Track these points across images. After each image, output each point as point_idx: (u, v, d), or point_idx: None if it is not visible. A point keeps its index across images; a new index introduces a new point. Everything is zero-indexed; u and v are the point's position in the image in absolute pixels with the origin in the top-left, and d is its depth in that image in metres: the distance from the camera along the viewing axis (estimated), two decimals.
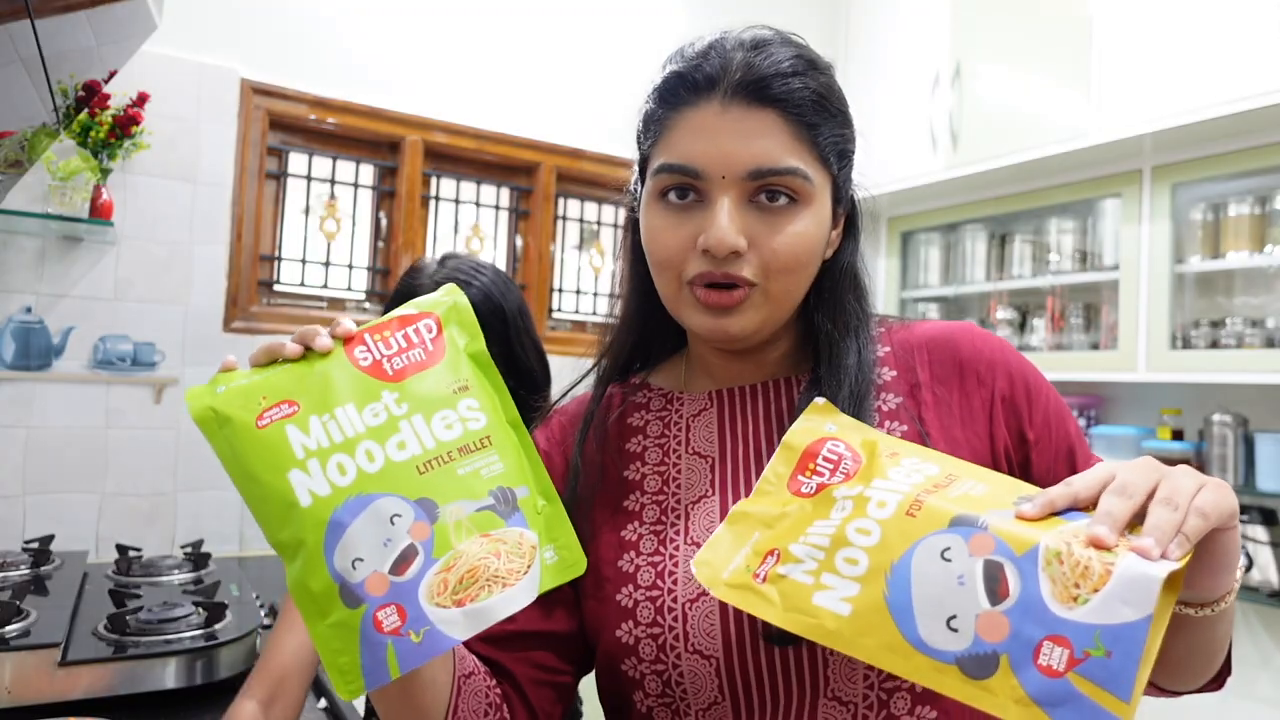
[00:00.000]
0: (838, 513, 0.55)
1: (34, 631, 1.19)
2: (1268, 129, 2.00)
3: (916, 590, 0.49)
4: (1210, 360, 2.11)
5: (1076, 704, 0.44)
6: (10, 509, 1.99)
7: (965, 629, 0.48)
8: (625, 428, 0.78)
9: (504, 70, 2.61)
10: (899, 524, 0.52)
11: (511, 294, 1.15)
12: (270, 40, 2.30)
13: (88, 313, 2.07)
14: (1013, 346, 0.76)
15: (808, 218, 0.67)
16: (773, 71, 0.66)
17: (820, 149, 0.68)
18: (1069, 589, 0.46)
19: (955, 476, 0.55)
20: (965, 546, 0.49)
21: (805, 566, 0.54)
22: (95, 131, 1.95)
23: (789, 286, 0.68)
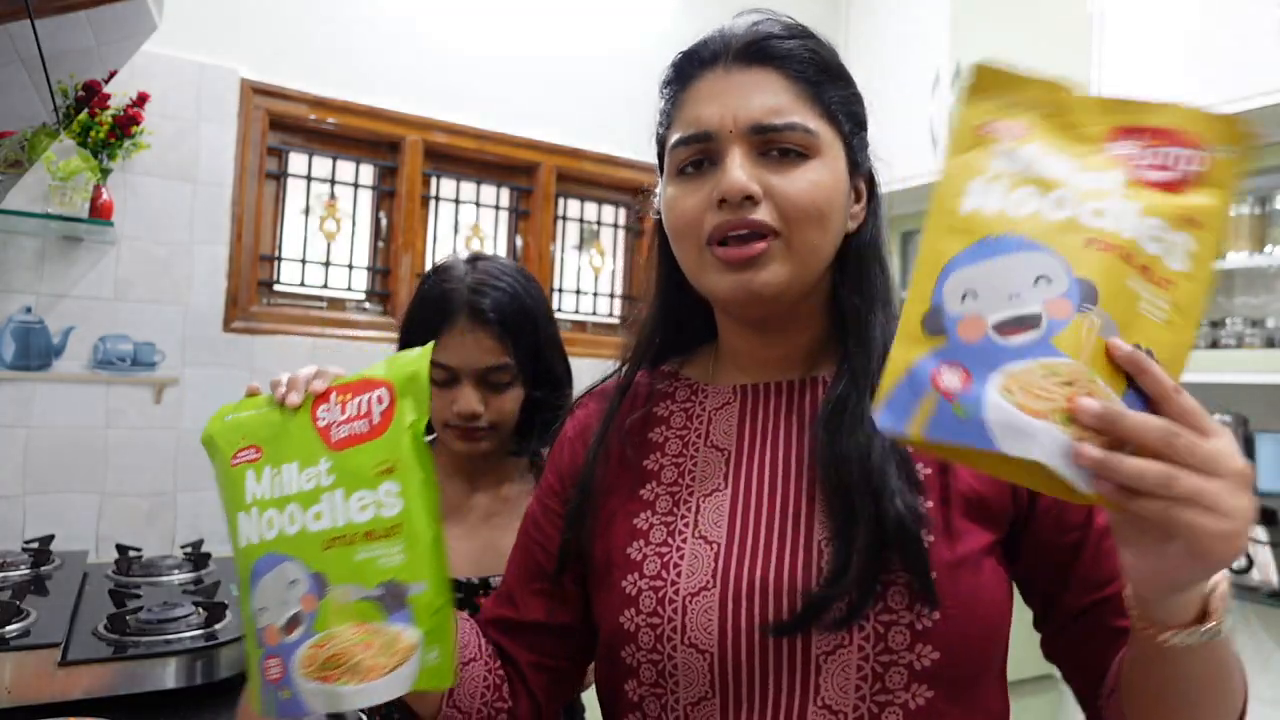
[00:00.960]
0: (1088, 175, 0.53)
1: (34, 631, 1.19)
2: (1268, 129, 2.00)
3: (997, 262, 0.50)
4: (1210, 360, 2.11)
5: (911, 399, 0.49)
6: (10, 509, 1.99)
7: (965, 308, 0.50)
8: (650, 417, 0.78)
9: (504, 70, 2.61)
10: (1073, 233, 0.50)
11: (538, 296, 1.14)
12: (270, 40, 2.30)
13: (88, 313, 2.07)
14: None
15: (820, 168, 0.68)
16: (772, 33, 0.70)
17: (825, 106, 0.70)
18: (1016, 386, 0.47)
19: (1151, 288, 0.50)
20: (1052, 295, 0.49)
21: (1007, 163, 0.54)
22: (95, 131, 1.95)
23: (811, 238, 0.68)
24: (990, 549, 0.66)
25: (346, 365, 0.72)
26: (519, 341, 1.08)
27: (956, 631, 0.62)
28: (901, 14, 2.82)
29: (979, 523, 0.65)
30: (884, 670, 0.62)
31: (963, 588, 0.63)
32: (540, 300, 1.14)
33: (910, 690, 0.62)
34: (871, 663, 0.62)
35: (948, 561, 0.63)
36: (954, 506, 0.65)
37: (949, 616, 0.62)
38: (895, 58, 2.82)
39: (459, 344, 1.08)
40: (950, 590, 0.62)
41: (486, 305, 1.07)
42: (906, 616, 0.62)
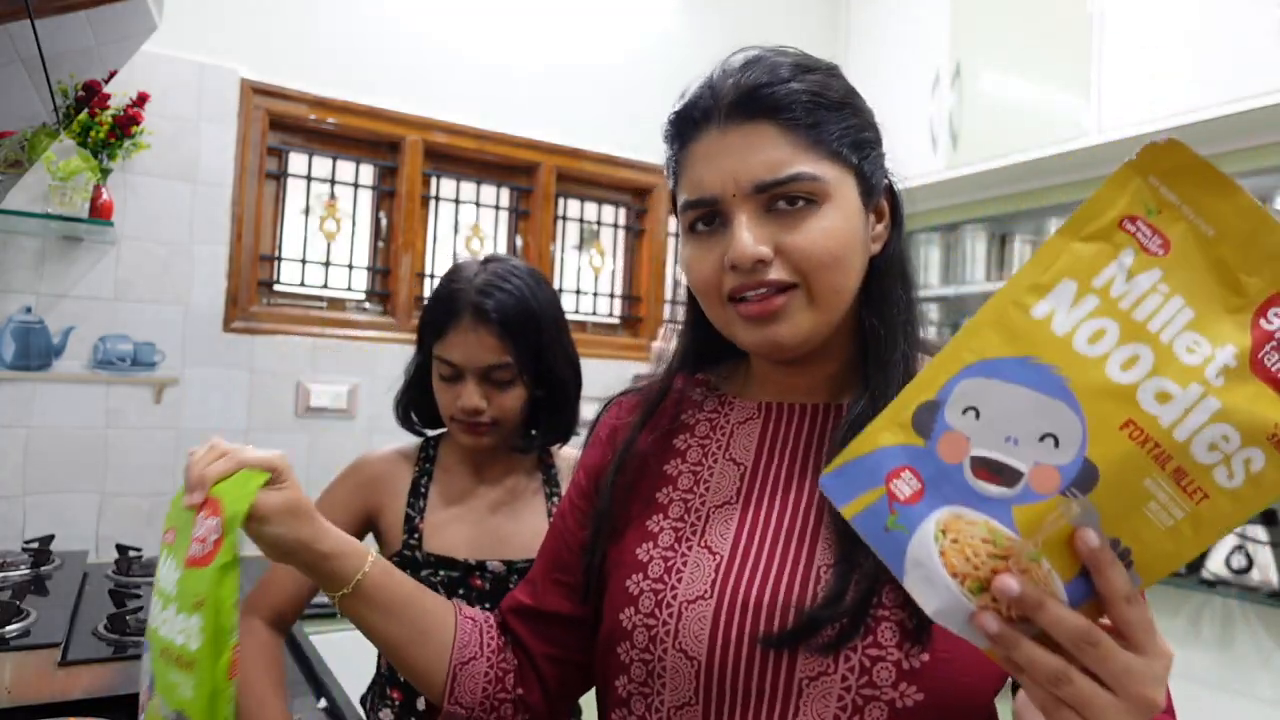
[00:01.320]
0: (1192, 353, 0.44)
1: (34, 631, 1.19)
2: (1268, 129, 2.00)
3: (1026, 387, 0.46)
4: None
5: (863, 482, 0.49)
6: (10, 509, 1.99)
7: (960, 422, 0.47)
8: (678, 423, 0.80)
9: (504, 70, 2.61)
10: (1115, 393, 0.45)
11: (546, 300, 1.17)
12: (270, 40, 2.30)
13: (88, 313, 2.07)
14: None
15: (831, 214, 0.67)
16: (760, 83, 0.67)
17: (828, 145, 0.68)
18: (954, 532, 0.47)
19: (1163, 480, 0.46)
20: (1048, 463, 0.45)
21: (1116, 284, 0.45)
22: (95, 131, 1.95)
23: (831, 283, 0.67)
24: None
25: (346, 365, 0.73)
26: (520, 342, 1.12)
27: (944, 675, 0.61)
28: (901, 14, 2.82)
29: None
30: (864, 704, 0.61)
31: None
32: (547, 304, 1.17)
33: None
34: (853, 694, 0.62)
35: None
36: None
37: (939, 660, 0.61)
38: (895, 58, 2.82)
39: (463, 342, 1.12)
40: (943, 634, 0.59)
41: (490, 306, 1.11)
42: (895, 654, 0.61)
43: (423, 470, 1.23)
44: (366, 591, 0.75)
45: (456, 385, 1.14)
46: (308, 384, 2.33)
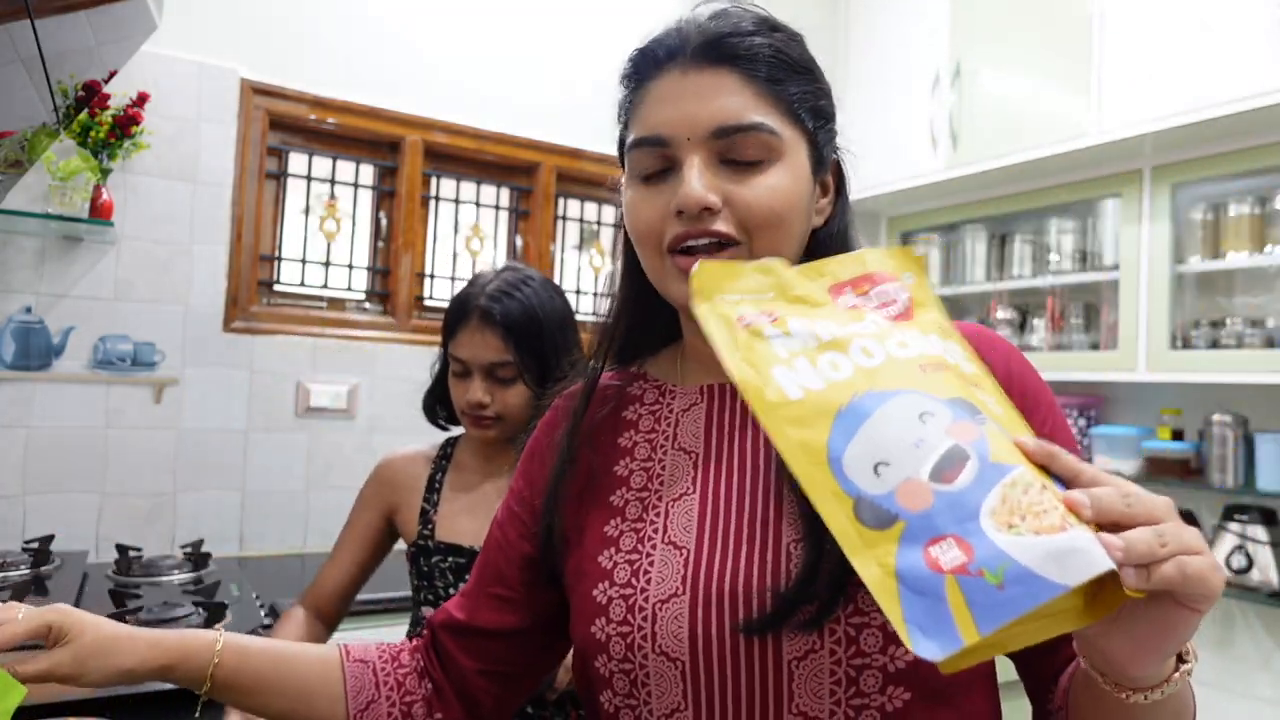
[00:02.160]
0: (855, 325, 0.53)
1: None
2: (1268, 129, 2.00)
3: (872, 424, 0.47)
4: (1210, 360, 2.11)
5: (934, 604, 0.41)
6: (10, 509, 1.99)
7: (887, 480, 0.45)
8: (619, 421, 0.77)
9: (504, 70, 2.61)
10: (905, 367, 0.49)
11: (553, 307, 1.27)
12: (270, 40, 2.30)
13: (88, 313, 2.07)
14: (1018, 352, 0.72)
15: (781, 172, 0.66)
16: (729, 30, 0.67)
17: (789, 104, 0.67)
18: (1012, 515, 0.42)
19: (982, 381, 0.51)
20: (948, 423, 0.46)
21: (789, 343, 0.52)
22: (95, 131, 1.95)
23: (773, 243, 0.66)
24: None
25: (346, 365, 0.73)
26: (522, 343, 1.22)
27: None
28: (901, 14, 2.82)
29: None
30: (857, 673, 0.60)
31: None
32: (553, 310, 1.27)
33: (886, 693, 0.60)
34: (845, 666, 0.60)
35: None
36: None
37: None
38: (895, 58, 2.82)
39: (470, 341, 1.23)
40: None
41: (496, 309, 1.22)
42: (879, 618, 0.60)
43: (439, 467, 1.35)
44: (227, 680, 0.73)
45: (465, 381, 1.25)
46: (308, 384, 2.33)
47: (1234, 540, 2.11)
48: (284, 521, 2.30)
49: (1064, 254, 2.54)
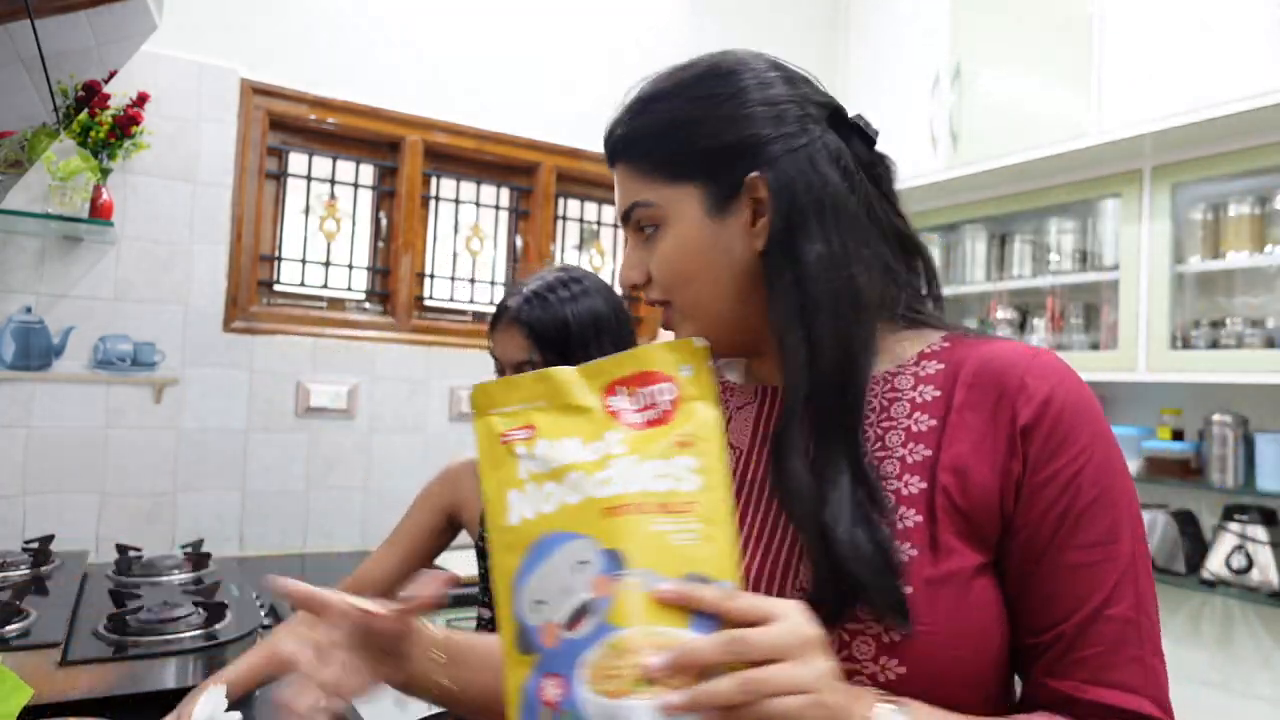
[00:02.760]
0: (594, 445, 0.59)
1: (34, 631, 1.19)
2: (1268, 129, 2.00)
3: (545, 563, 0.56)
4: (1210, 360, 2.11)
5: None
6: (10, 509, 1.99)
7: (539, 616, 0.55)
8: None
9: (504, 70, 2.61)
10: (591, 509, 0.56)
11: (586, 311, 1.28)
12: (270, 40, 2.30)
13: (88, 313, 2.07)
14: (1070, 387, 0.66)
15: (670, 236, 0.72)
16: (612, 135, 0.76)
17: (663, 171, 0.72)
18: (598, 673, 0.51)
19: (693, 507, 0.57)
20: (594, 576, 0.54)
21: (530, 465, 0.59)
22: (95, 131, 1.95)
23: (689, 298, 0.72)
24: (982, 571, 0.63)
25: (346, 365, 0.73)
26: (545, 344, 1.25)
27: (928, 648, 0.60)
28: (901, 14, 2.82)
29: (968, 541, 0.63)
30: (847, 679, 0.60)
31: (942, 605, 0.61)
32: (591, 315, 1.28)
33: None
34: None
35: (929, 578, 0.61)
36: (941, 523, 0.63)
37: (921, 632, 0.60)
38: (895, 58, 2.82)
39: (499, 340, 1.28)
40: (927, 607, 0.61)
41: (524, 311, 1.26)
42: (875, 628, 0.61)
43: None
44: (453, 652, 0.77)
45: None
46: (308, 384, 2.33)
47: (1234, 540, 2.11)
48: (284, 521, 2.30)
49: (1064, 254, 2.54)
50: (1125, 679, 0.61)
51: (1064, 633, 0.62)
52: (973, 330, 0.74)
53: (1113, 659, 0.61)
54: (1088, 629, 0.61)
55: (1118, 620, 0.61)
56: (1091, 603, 0.61)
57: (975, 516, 0.64)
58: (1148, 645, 0.62)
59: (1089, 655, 0.61)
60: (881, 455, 0.67)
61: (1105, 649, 0.61)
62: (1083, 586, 0.62)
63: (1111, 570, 0.62)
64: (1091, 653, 0.61)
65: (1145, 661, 0.61)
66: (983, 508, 0.64)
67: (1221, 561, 2.12)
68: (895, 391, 0.69)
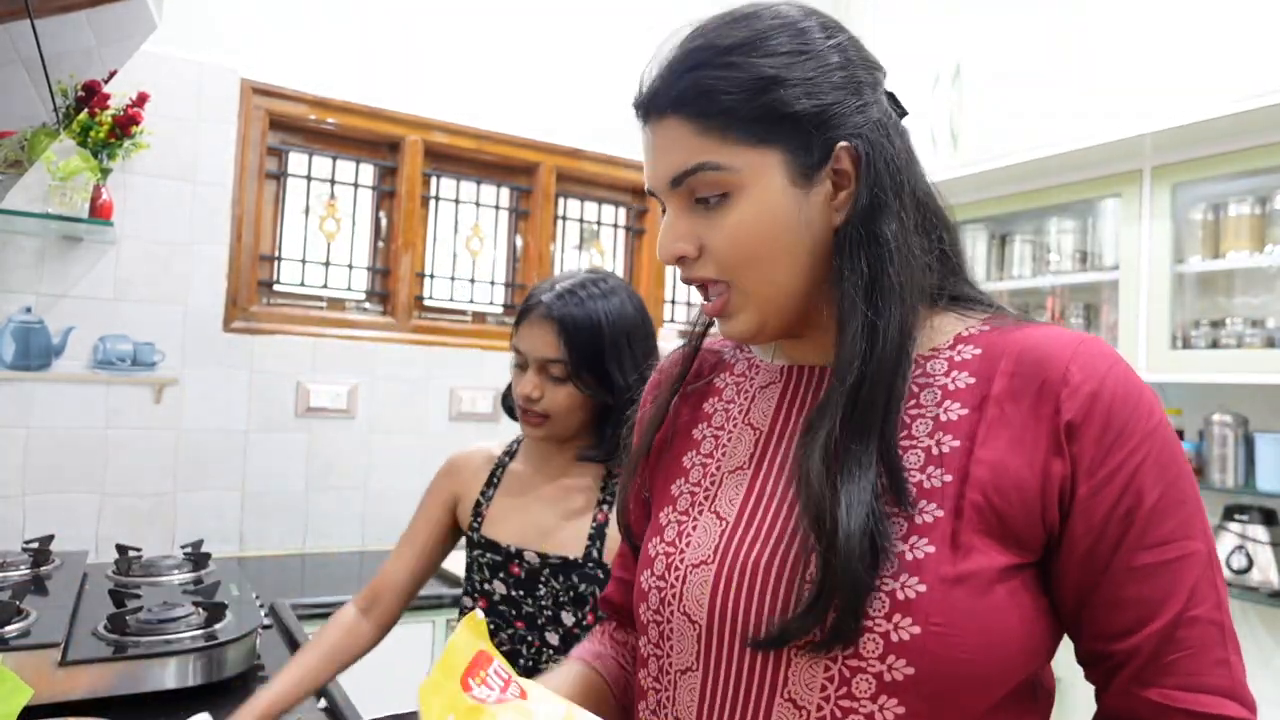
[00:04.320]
0: None
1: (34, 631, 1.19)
2: (1268, 129, 2.00)
3: None
4: (1210, 360, 2.11)
5: None
6: (10, 509, 1.99)
7: None
8: (710, 387, 0.80)
9: (504, 70, 2.61)
10: None
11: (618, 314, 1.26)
12: (270, 40, 2.30)
13: (88, 313, 2.06)
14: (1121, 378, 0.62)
15: (744, 205, 0.64)
16: (662, 79, 0.66)
17: (739, 130, 0.64)
18: None
19: None
20: None
21: None
22: (95, 131, 1.95)
23: (762, 277, 0.66)
24: (1009, 573, 0.60)
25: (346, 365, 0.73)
26: (576, 343, 1.23)
27: (935, 649, 0.57)
28: (901, 14, 2.82)
29: (996, 540, 0.60)
30: (851, 676, 0.59)
31: (958, 605, 0.58)
32: (621, 319, 1.26)
33: (877, 702, 0.59)
34: (839, 665, 0.60)
35: (945, 575, 0.58)
36: (966, 519, 0.60)
37: (933, 632, 0.57)
38: (895, 58, 2.82)
39: (529, 334, 1.26)
40: (940, 605, 0.58)
41: (557, 307, 1.23)
42: (883, 625, 0.58)
43: (500, 463, 1.38)
44: None
45: (522, 374, 1.27)
46: (308, 384, 2.33)
47: (1234, 540, 2.11)
48: (284, 521, 2.30)
49: (1064, 254, 2.54)
50: (1216, 683, 0.58)
51: (1149, 637, 0.58)
52: (1014, 313, 0.70)
53: (1202, 663, 0.58)
54: (1175, 634, 0.58)
55: (1204, 622, 0.58)
56: (1174, 605, 0.58)
57: (1009, 516, 0.60)
58: (1230, 644, 0.59)
59: (1178, 660, 0.58)
60: (906, 445, 0.63)
61: (1193, 652, 0.58)
62: (1160, 589, 0.58)
63: (1189, 569, 0.59)
64: (1180, 657, 0.58)
65: (1229, 662, 0.59)
66: (1019, 507, 0.60)
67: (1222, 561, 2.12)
68: (928, 376, 0.65)
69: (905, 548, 0.60)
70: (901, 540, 0.60)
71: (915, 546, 0.60)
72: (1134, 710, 0.60)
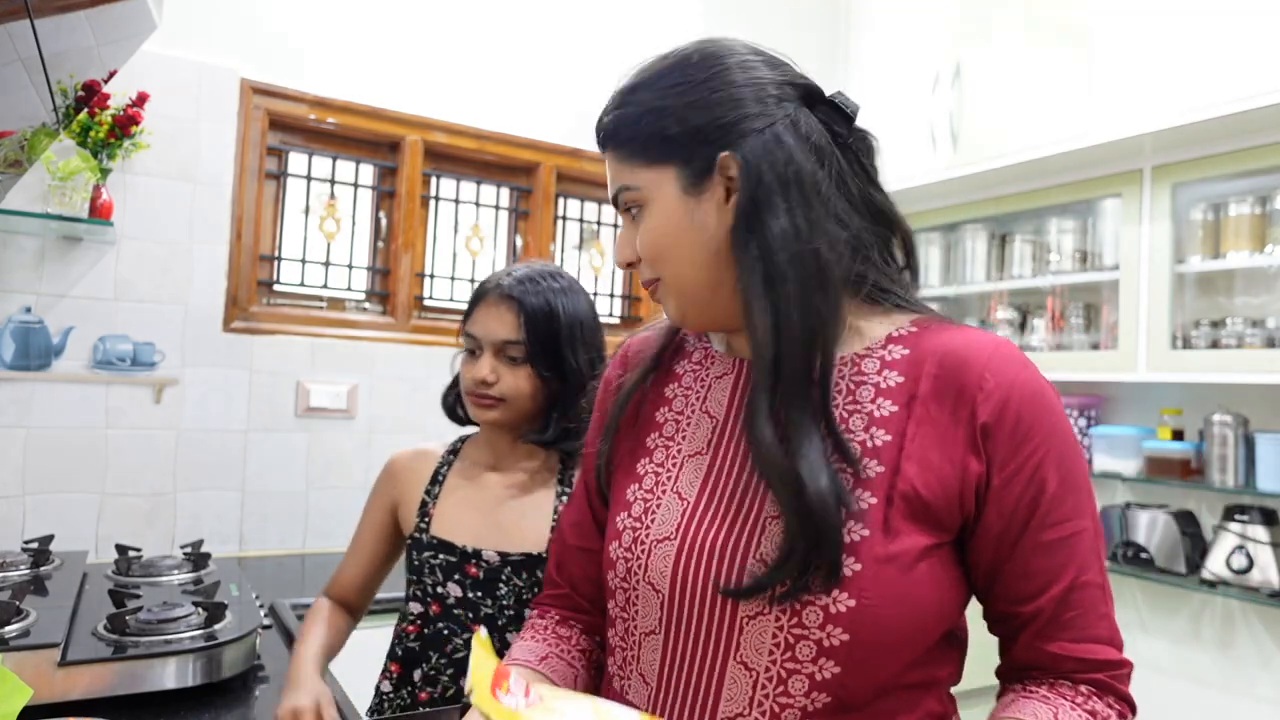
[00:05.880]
0: None
1: (34, 631, 1.19)
2: (1268, 129, 2.00)
3: None
4: (1210, 360, 2.11)
5: None
6: (10, 509, 1.99)
7: None
8: (670, 372, 0.88)
9: (504, 70, 2.61)
10: None
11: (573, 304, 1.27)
12: (270, 40, 2.30)
13: (88, 313, 2.06)
14: (1028, 381, 0.71)
15: (650, 216, 0.77)
16: (600, 124, 0.80)
17: (643, 155, 0.76)
18: None
19: None
20: None
21: None
22: (95, 131, 1.95)
23: (672, 273, 0.77)
24: (929, 551, 0.70)
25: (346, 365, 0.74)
26: (535, 326, 1.23)
27: (870, 619, 0.67)
28: (901, 14, 2.82)
29: (920, 525, 0.69)
30: (795, 642, 0.69)
31: (886, 582, 0.67)
32: (574, 308, 1.27)
33: (817, 664, 0.68)
34: (785, 633, 0.69)
35: (878, 556, 0.68)
36: (896, 506, 0.69)
37: (865, 605, 0.67)
38: (895, 57, 2.82)
39: (485, 317, 1.25)
40: (872, 582, 0.67)
41: (516, 291, 1.24)
42: (823, 599, 0.67)
43: (445, 462, 1.34)
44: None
45: (474, 360, 1.26)
46: (308, 384, 2.33)
47: (1234, 540, 2.11)
48: (284, 521, 2.30)
49: (1064, 254, 2.54)
50: (1101, 633, 0.70)
51: (1050, 601, 0.70)
52: (938, 315, 0.78)
53: (1089, 619, 0.70)
54: (1070, 596, 0.69)
55: (1092, 586, 0.70)
56: (1069, 573, 0.69)
57: (933, 505, 0.69)
58: (1108, 601, 0.72)
59: (1073, 618, 0.70)
60: (845, 437, 0.71)
61: (1083, 611, 0.70)
62: (1059, 560, 0.70)
63: (1082, 543, 0.70)
64: (1074, 615, 0.70)
65: (1108, 615, 0.71)
66: (941, 498, 0.69)
67: (1222, 561, 2.12)
68: (861, 375, 0.74)
69: (844, 531, 0.68)
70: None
71: (853, 530, 0.68)
72: (1036, 660, 0.71)
